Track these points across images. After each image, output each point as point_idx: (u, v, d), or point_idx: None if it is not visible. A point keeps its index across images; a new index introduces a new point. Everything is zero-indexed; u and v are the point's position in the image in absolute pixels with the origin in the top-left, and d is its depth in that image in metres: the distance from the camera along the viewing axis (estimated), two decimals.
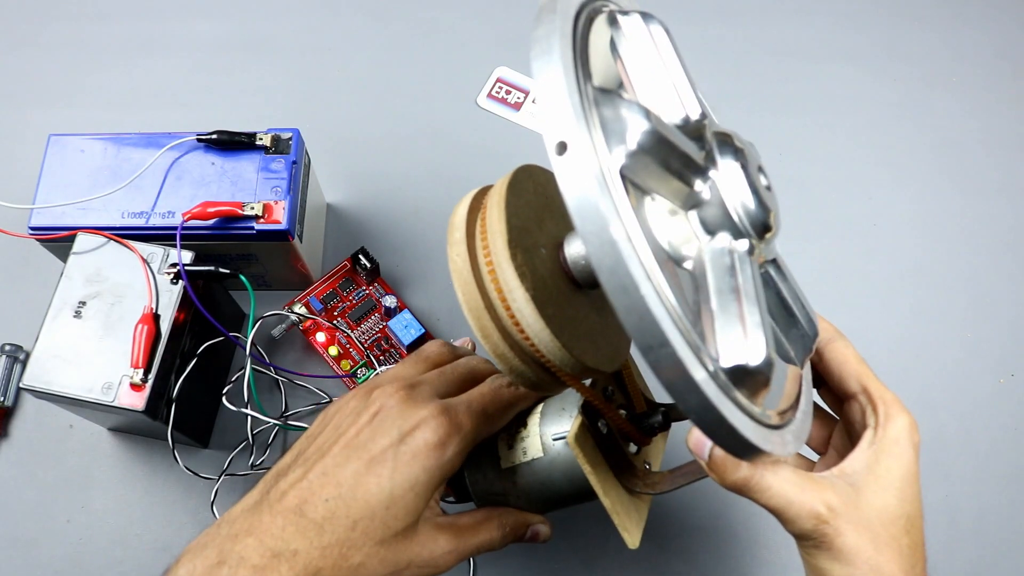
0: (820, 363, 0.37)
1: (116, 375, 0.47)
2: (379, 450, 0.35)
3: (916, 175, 0.69)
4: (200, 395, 0.55)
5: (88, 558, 0.54)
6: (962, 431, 0.59)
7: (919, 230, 0.66)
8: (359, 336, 0.60)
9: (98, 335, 0.48)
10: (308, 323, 0.59)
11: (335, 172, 0.65)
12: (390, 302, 0.59)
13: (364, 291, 0.61)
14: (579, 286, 0.34)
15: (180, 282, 0.49)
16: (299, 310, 0.59)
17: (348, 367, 0.58)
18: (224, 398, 0.54)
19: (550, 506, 0.41)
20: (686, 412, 0.26)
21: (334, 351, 0.59)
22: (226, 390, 0.55)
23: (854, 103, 0.72)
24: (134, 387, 0.47)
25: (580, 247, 0.34)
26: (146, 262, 0.50)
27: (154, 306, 0.49)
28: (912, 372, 0.61)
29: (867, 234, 0.66)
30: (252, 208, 0.52)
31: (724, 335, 0.26)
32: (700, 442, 0.32)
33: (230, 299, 0.58)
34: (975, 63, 0.74)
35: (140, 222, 0.52)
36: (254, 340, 0.54)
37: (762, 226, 0.29)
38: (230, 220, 0.52)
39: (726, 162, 0.29)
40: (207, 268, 0.50)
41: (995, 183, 0.69)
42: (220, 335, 0.53)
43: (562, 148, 0.25)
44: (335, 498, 0.34)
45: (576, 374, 0.34)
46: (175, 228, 0.51)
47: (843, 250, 0.65)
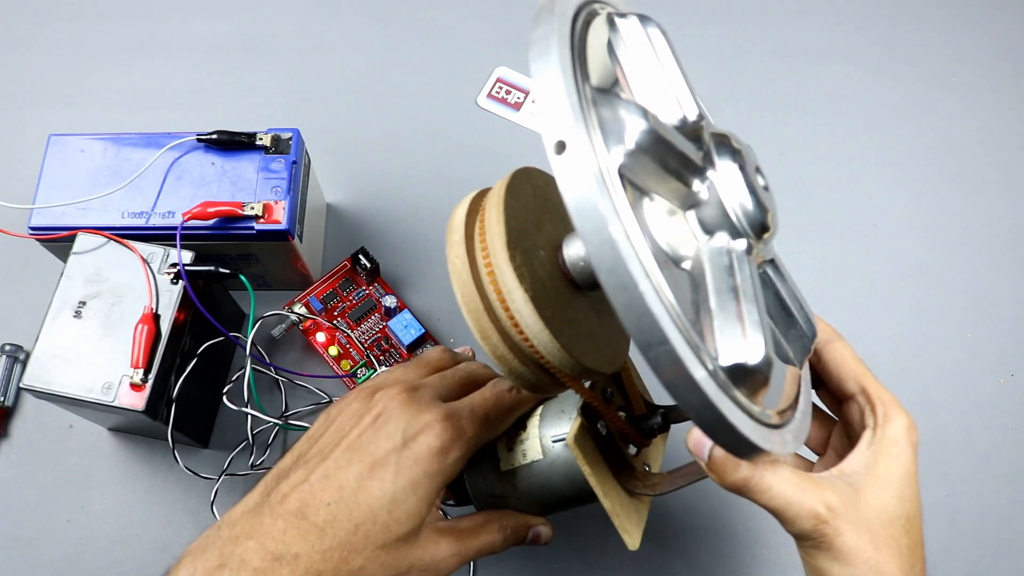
0: (818, 364, 0.37)
1: (116, 375, 0.47)
2: (382, 453, 0.35)
3: (916, 175, 0.69)
4: (200, 395, 0.55)
5: (88, 558, 0.54)
6: (962, 431, 0.59)
7: (919, 230, 0.66)
8: (359, 336, 0.60)
9: (98, 335, 0.48)
10: (308, 323, 0.59)
11: (335, 172, 0.65)
12: (390, 302, 0.59)
13: (364, 291, 0.61)
14: (578, 288, 0.34)
15: (180, 282, 0.49)
16: (299, 310, 0.59)
17: (348, 367, 0.58)
18: (224, 398, 0.54)
19: (550, 508, 0.41)
20: (686, 410, 0.26)
21: (334, 351, 0.59)
22: (226, 390, 0.55)
23: (854, 103, 0.72)
24: (134, 387, 0.47)
25: (579, 248, 0.34)
26: (146, 262, 0.50)
27: (154, 306, 0.49)
28: (912, 372, 0.61)
29: (867, 234, 0.66)
30: (252, 208, 0.52)
31: (723, 334, 0.26)
32: (699, 443, 0.32)
33: (230, 299, 0.58)
34: (975, 63, 0.74)
35: (140, 222, 0.52)
36: (254, 340, 0.54)
37: (760, 226, 0.29)
38: (230, 220, 0.52)
39: (724, 163, 0.29)
40: (207, 268, 0.50)
41: (995, 183, 0.69)
42: (220, 335, 0.53)
43: (561, 147, 0.25)
44: (337, 501, 0.34)
45: (575, 375, 0.34)
46: (175, 228, 0.51)
47: (843, 250, 0.65)
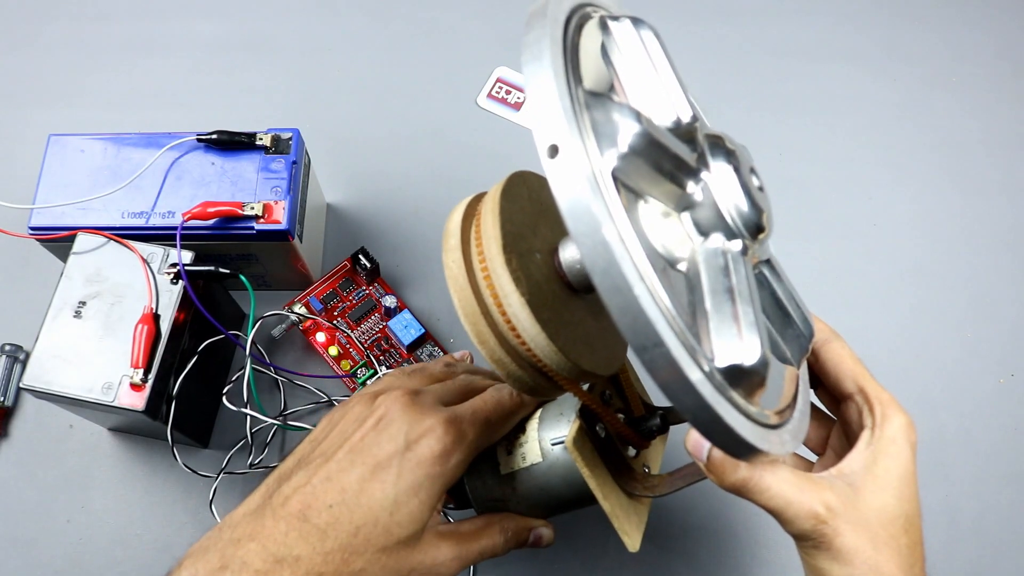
0: (816, 364, 0.37)
1: (116, 375, 0.47)
2: (384, 456, 0.35)
3: (916, 175, 0.69)
4: (200, 395, 0.55)
5: (88, 558, 0.54)
6: (962, 431, 0.59)
7: (919, 230, 0.66)
8: (359, 336, 0.60)
9: (98, 335, 0.48)
10: (308, 323, 0.59)
11: (335, 172, 0.65)
12: (390, 302, 0.59)
13: (364, 291, 0.61)
14: (574, 290, 0.34)
15: (180, 282, 0.49)
16: (299, 310, 0.60)
17: (348, 367, 0.58)
18: (224, 398, 0.54)
19: (550, 511, 0.41)
20: (682, 413, 0.26)
21: (334, 351, 0.59)
22: (226, 390, 0.55)
23: (854, 103, 0.72)
24: (134, 387, 0.47)
25: (574, 251, 0.34)
26: (146, 262, 0.50)
27: (154, 306, 0.49)
28: (912, 372, 0.61)
29: (867, 234, 0.66)
30: (252, 208, 0.52)
31: (719, 335, 0.26)
32: (698, 444, 0.32)
33: (230, 299, 0.58)
34: (975, 63, 0.74)
35: (140, 222, 0.52)
36: (254, 340, 0.54)
37: (755, 227, 0.29)
38: (230, 220, 0.52)
39: (718, 164, 0.29)
40: (207, 268, 0.50)
41: (995, 183, 0.68)
42: (220, 334, 0.53)
43: (554, 151, 0.25)
44: (339, 504, 0.34)
45: (573, 378, 0.34)
46: (175, 228, 0.51)
47: (843, 250, 0.65)
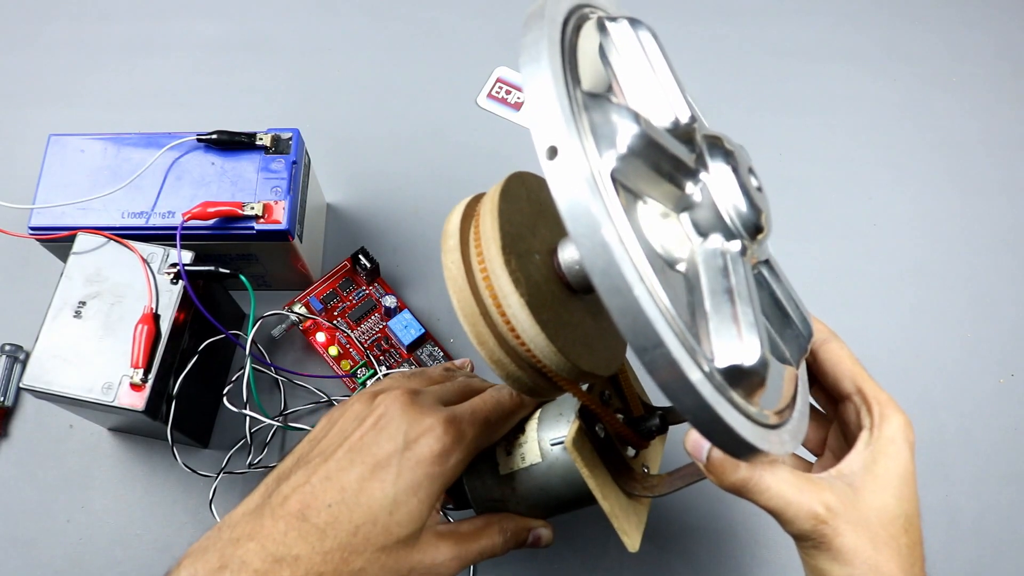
0: (814, 364, 0.37)
1: (116, 375, 0.47)
2: (384, 455, 0.35)
3: (916, 175, 0.69)
4: (200, 395, 0.55)
5: (88, 558, 0.54)
6: (962, 431, 0.59)
7: (919, 230, 0.66)
8: (359, 336, 0.60)
9: (98, 335, 0.48)
10: (308, 323, 0.59)
11: (335, 172, 0.65)
12: (390, 302, 0.59)
13: (364, 291, 0.61)
14: (573, 291, 0.34)
15: (180, 282, 0.49)
16: (299, 310, 0.60)
17: (348, 367, 0.58)
18: (224, 398, 0.54)
19: (549, 511, 0.41)
20: (682, 413, 0.26)
21: (334, 351, 0.59)
22: (226, 390, 0.55)
23: (854, 103, 0.72)
24: (134, 387, 0.47)
25: (573, 252, 0.34)
26: (146, 262, 0.50)
27: (154, 306, 0.49)
28: (912, 372, 0.61)
29: (867, 234, 0.66)
30: (252, 208, 0.52)
31: (719, 336, 0.27)
32: (698, 444, 0.32)
33: (230, 299, 0.58)
34: (975, 63, 0.74)
35: (140, 222, 0.52)
36: (254, 340, 0.54)
37: (754, 227, 0.29)
38: (230, 220, 0.52)
39: (716, 165, 0.29)
40: (207, 268, 0.50)
41: (995, 183, 0.68)
42: (220, 334, 0.53)
43: (553, 153, 0.25)
44: (338, 503, 0.34)
45: (572, 379, 0.34)
46: (175, 228, 0.51)
47: (843, 250, 0.65)
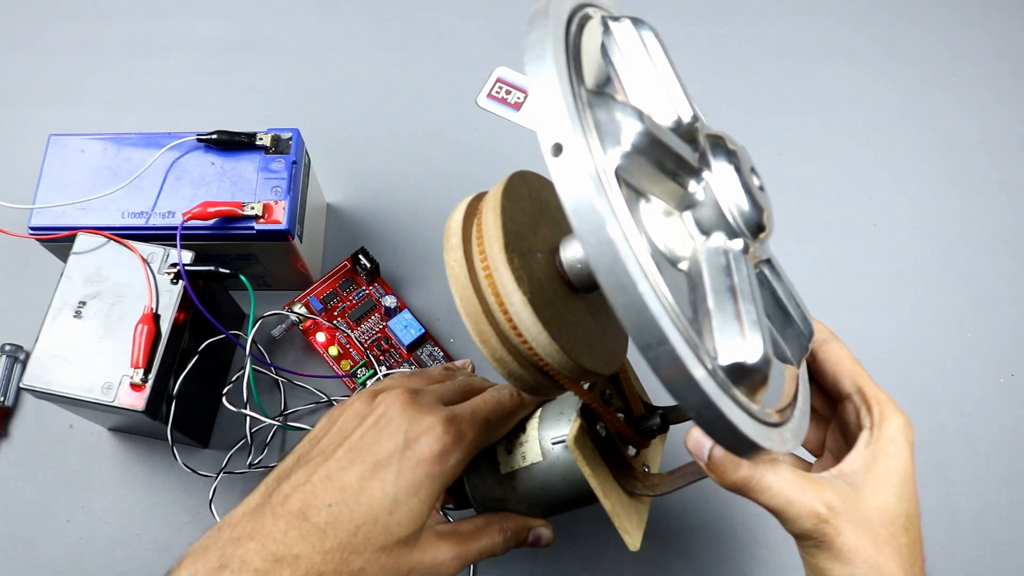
0: (814, 363, 0.38)
1: (116, 375, 0.47)
2: (384, 454, 0.35)
3: (916, 175, 0.69)
4: (200, 395, 0.55)
5: (88, 558, 0.54)
6: (962, 431, 0.59)
7: (919, 230, 0.66)
8: (359, 336, 0.60)
9: (98, 335, 0.48)
10: (308, 323, 0.59)
11: (335, 172, 0.65)
12: (390, 302, 0.59)
13: (364, 291, 0.61)
14: (575, 290, 0.34)
15: (180, 282, 0.49)
16: (299, 310, 0.59)
17: (348, 367, 0.58)
18: (224, 399, 0.54)
19: (550, 510, 0.40)
20: (686, 410, 0.26)
21: (334, 351, 0.59)
22: (226, 390, 0.55)
23: (854, 103, 0.72)
24: (134, 387, 0.47)
25: (576, 250, 0.34)
26: (146, 262, 0.50)
27: (154, 306, 0.49)
28: (912, 372, 0.61)
29: (867, 234, 0.66)
30: (252, 208, 0.52)
31: (721, 333, 0.27)
32: (699, 443, 0.32)
33: (230, 299, 0.58)
34: (975, 63, 0.74)
35: (140, 222, 0.52)
36: (254, 340, 0.54)
37: (756, 226, 0.29)
38: (230, 220, 0.52)
39: (719, 164, 0.30)
40: (207, 268, 0.50)
41: (995, 183, 0.69)
42: (220, 334, 0.53)
43: (558, 150, 0.25)
44: (338, 502, 0.34)
45: (574, 377, 0.34)
46: (175, 228, 0.51)
47: (843, 250, 0.65)
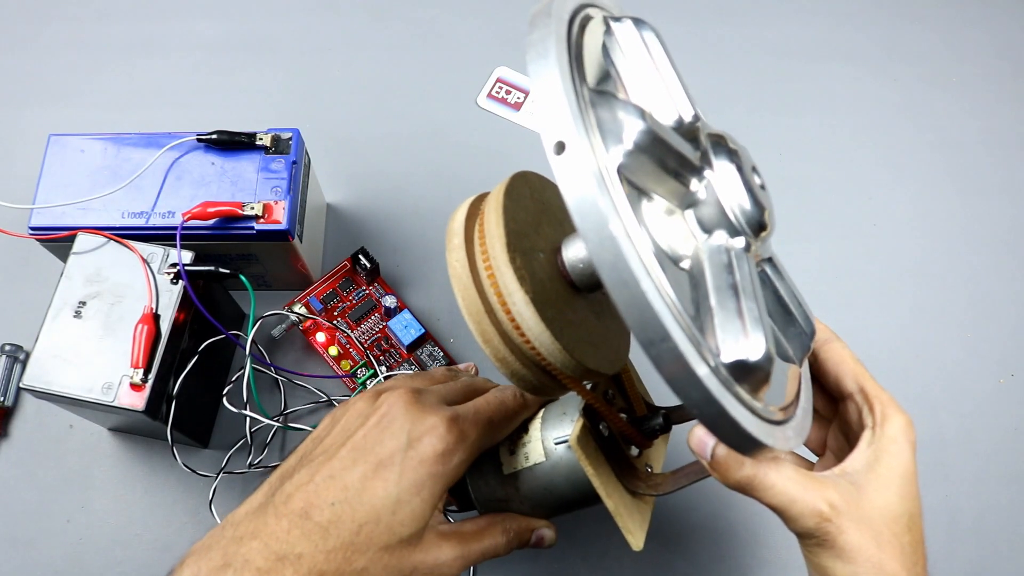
0: (816, 363, 0.38)
1: (116, 375, 0.47)
2: (387, 454, 0.35)
3: (916, 175, 0.69)
4: (200, 395, 0.55)
5: (88, 558, 0.54)
6: (962, 431, 0.59)
7: (919, 230, 0.66)
8: (359, 336, 0.60)
9: (98, 335, 0.48)
10: (308, 323, 0.59)
11: (335, 172, 0.65)
12: (390, 302, 0.59)
13: (364, 291, 0.61)
14: (577, 290, 0.34)
15: (180, 282, 0.49)
16: (299, 310, 0.59)
17: (348, 367, 0.58)
18: (224, 399, 0.54)
19: (553, 511, 0.40)
20: (688, 407, 0.26)
21: (334, 351, 0.59)
22: (226, 391, 0.55)
23: (854, 103, 0.72)
24: (134, 387, 0.47)
25: (578, 250, 0.34)
26: (146, 262, 0.50)
27: (154, 306, 0.49)
28: (912, 372, 0.61)
29: (867, 234, 0.66)
30: (252, 208, 0.52)
31: (724, 331, 0.27)
32: (702, 442, 0.32)
33: (230, 299, 0.57)
34: (975, 63, 0.74)
35: (140, 222, 0.52)
36: (254, 339, 0.54)
37: (758, 225, 0.29)
38: (230, 220, 0.52)
39: (721, 163, 0.30)
40: (207, 268, 0.50)
41: (995, 183, 0.69)
42: (220, 334, 0.52)
43: (560, 148, 0.25)
44: (341, 502, 0.34)
45: (576, 377, 0.34)
46: (175, 228, 0.51)
47: (843, 250, 0.65)
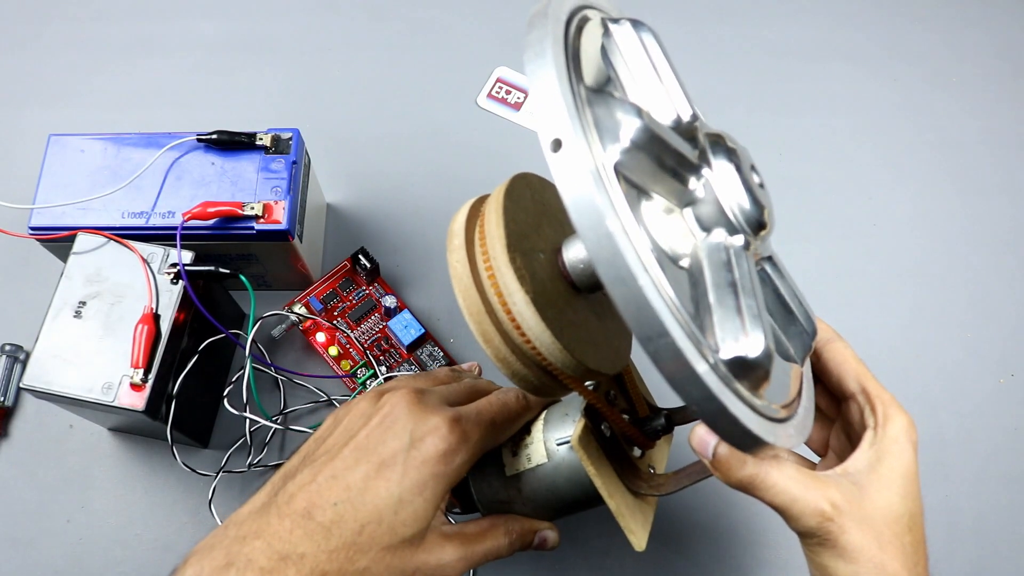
0: (818, 363, 0.38)
1: (116, 375, 0.47)
2: (389, 454, 0.35)
3: (916, 175, 0.69)
4: (200, 395, 0.55)
5: (88, 558, 0.54)
6: (962, 431, 0.59)
7: (919, 230, 0.66)
8: (359, 336, 0.59)
9: (98, 335, 0.48)
10: (308, 323, 0.59)
11: (335, 172, 0.65)
12: (390, 302, 0.59)
13: (364, 291, 0.61)
14: (578, 290, 0.34)
15: (180, 282, 0.49)
16: (299, 310, 0.59)
17: (348, 367, 0.58)
18: (225, 400, 0.54)
19: (556, 513, 0.40)
20: (688, 403, 0.26)
21: (334, 351, 0.59)
22: (227, 391, 0.55)
23: (854, 103, 0.72)
24: (134, 387, 0.47)
25: (578, 251, 0.34)
26: (146, 262, 0.50)
27: (154, 306, 0.49)
28: (912, 372, 0.61)
29: (867, 234, 0.66)
30: (252, 208, 0.52)
31: (722, 328, 0.27)
32: (703, 441, 0.32)
33: (230, 299, 0.57)
34: (975, 63, 0.74)
35: (140, 222, 0.52)
36: (254, 339, 0.53)
37: (757, 223, 0.29)
38: (230, 220, 0.52)
39: (719, 162, 0.30)
40: (207, 268, 0.50)
41: (995, 183, 0.69)
42: (220, 334, 0.52)
43: (557, 145, 0.25)
44: (343, 502, 0.34)
45: (577, 376, 0.34)
46: (175, 228, 0.51)
47: (843, 250, 0.65)
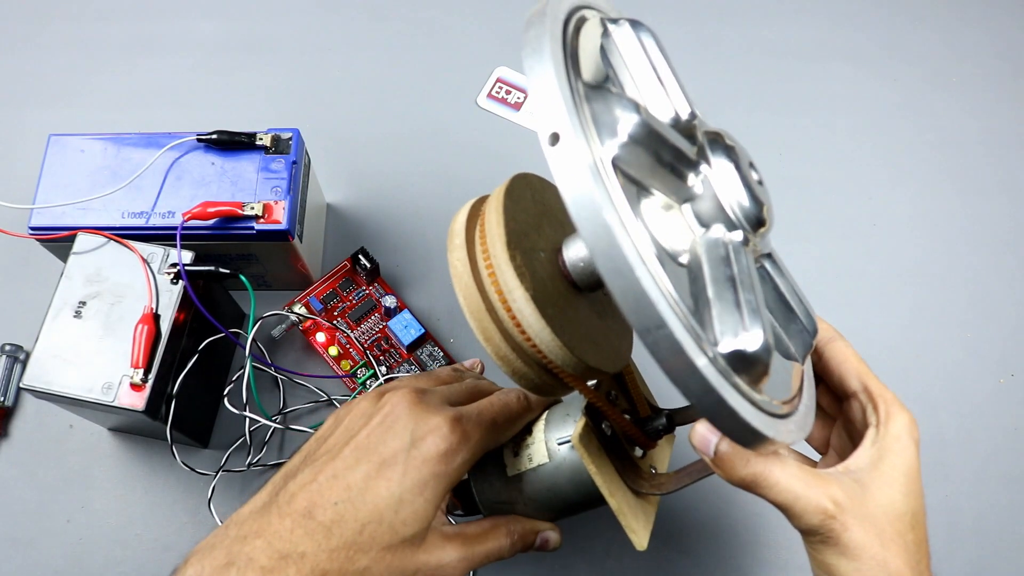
0: (820, 362, 0.38)
1: (116, 375, 0.47)
2: (390, 453, 0.35)
3: (916, 175, 0.69)
4: (200, 395, 0.55)
5: (88, 558, 0.54)
6: (962, 431, 0.59)
7: (919, 230, 0.66)
8: (359, 336, 0.59)
9: (98, 335, 0.48)
10: (308, 323, 0.59)
11: (335, 172, 0.65)
12: (390, 302, 0.59)
13: (364, 291, 0.61)
14: (578, 289, 0.34)
15: (180, 282, 0.49)
16: (299, 310, 0.59)
17: (348, 367, 0.58)
18: (225, 400, 0.54)
19: (558, 513, 0.40)
20: (687, 397, 0.26)
21: (334, 351, 0.59)
22: (227, 391, 0.55)
23: (854, 103, 0.72)
24: (134, 387, 0.47)
25: (578, 249, 0.34)
26: (146, 262, 0.50)
27: (154, 306, 0.48)
28: (912, 372, 0.61)
29: (867, 234, 0.66)
30: (252, 208, 0.52)
31: (721, 322, 0.27)
32: (705, 438, 0.32)
33: (230, 299, 0.57)
34: (975, 63, 0.74)
35: (140, 222, 0.52)
36: (254, 339, 0.53)
37: (756, 220, 0.29)
38: (230, 220, 0.52)
39: (718, 159, 0.30)
40: (207, 268, 0.50)
41: (995, 183, 0.69)
42: (220, 334, 0.52)
43: (555, 139, 0.26)
44: (344, 501, 0.34)
45: (578, 375, 0.34)
46: (175, 228, 0.51)
47: (843, 250, 0.65)
